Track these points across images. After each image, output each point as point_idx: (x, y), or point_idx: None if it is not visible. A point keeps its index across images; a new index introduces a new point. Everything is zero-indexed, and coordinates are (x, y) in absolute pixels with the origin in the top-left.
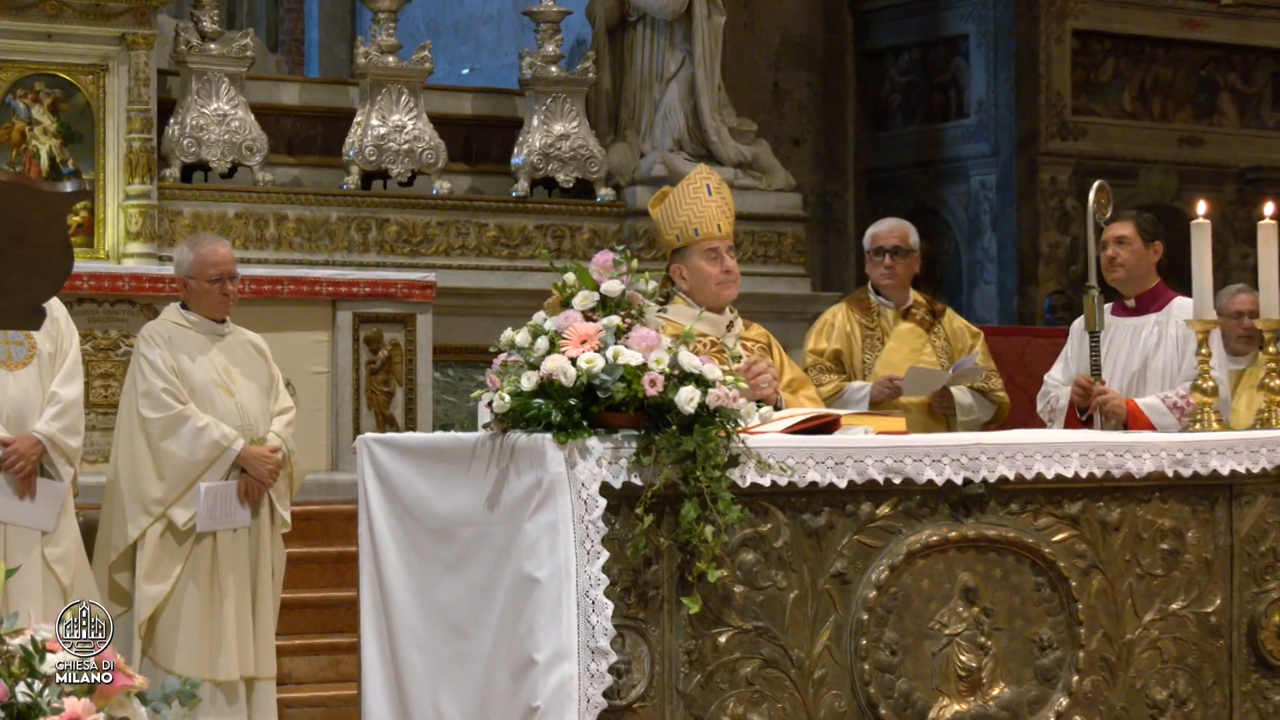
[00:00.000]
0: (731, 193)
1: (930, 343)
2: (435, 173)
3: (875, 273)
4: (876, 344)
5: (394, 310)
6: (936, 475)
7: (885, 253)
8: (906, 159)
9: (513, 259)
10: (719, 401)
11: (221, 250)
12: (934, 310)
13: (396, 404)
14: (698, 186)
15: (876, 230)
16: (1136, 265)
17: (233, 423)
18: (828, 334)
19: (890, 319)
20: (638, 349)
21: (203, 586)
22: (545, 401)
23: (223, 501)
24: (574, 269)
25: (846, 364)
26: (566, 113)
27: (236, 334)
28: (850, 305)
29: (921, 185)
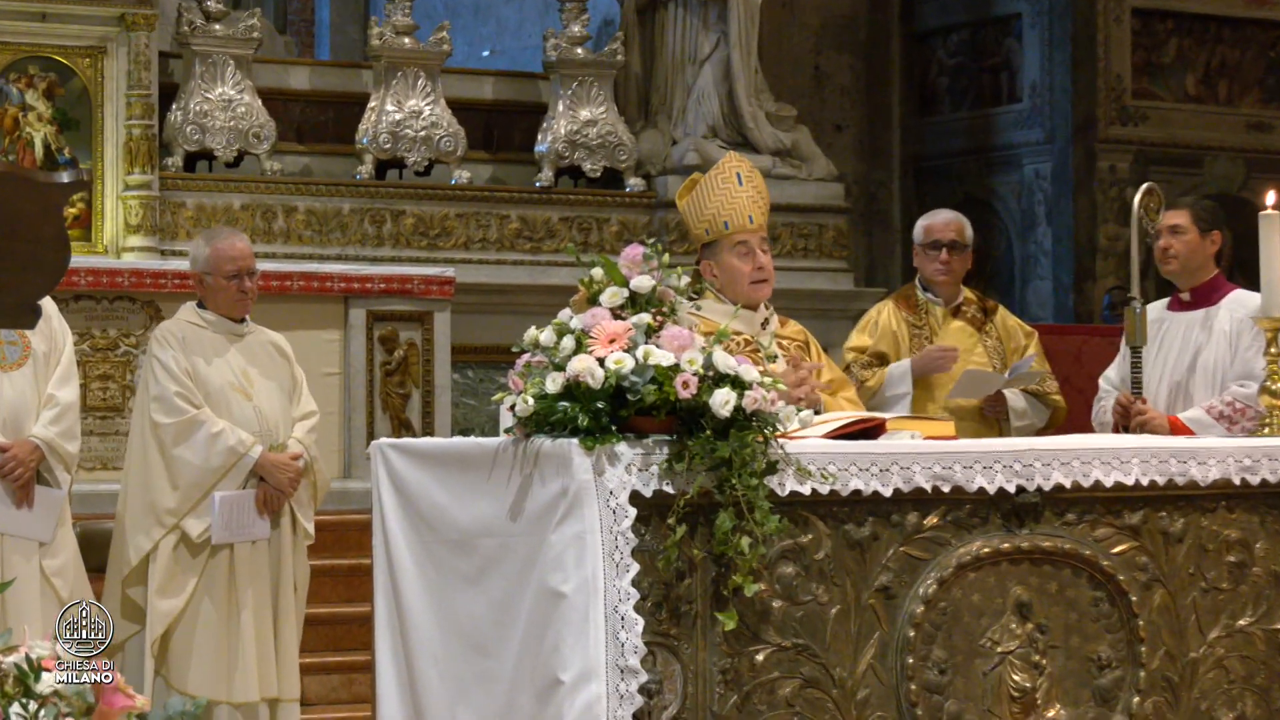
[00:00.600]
0: (768, 182)
1: (981, 342)
2: (454, 161)
3: (928, 268)
4: (925, 343)
5: (410, 308)
6: (988, 483)
7: (942, 247)
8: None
9: (536, 253)
10: (756, 404)
11: (240, 244)
12: (985, 308)
13: (413, 407)
14: (727, 175)
15: (931, 222)
16: (1191, 256)
17: (250, 428)
18: (871, 331)
19: (939, 317)
20: (669, 349)
21: (219, 602)
22: (571, 404)
23: (239, 512)
24: (601, 263)
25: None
26: (593, 97)
27: (256, 334)
28: (897, 302)
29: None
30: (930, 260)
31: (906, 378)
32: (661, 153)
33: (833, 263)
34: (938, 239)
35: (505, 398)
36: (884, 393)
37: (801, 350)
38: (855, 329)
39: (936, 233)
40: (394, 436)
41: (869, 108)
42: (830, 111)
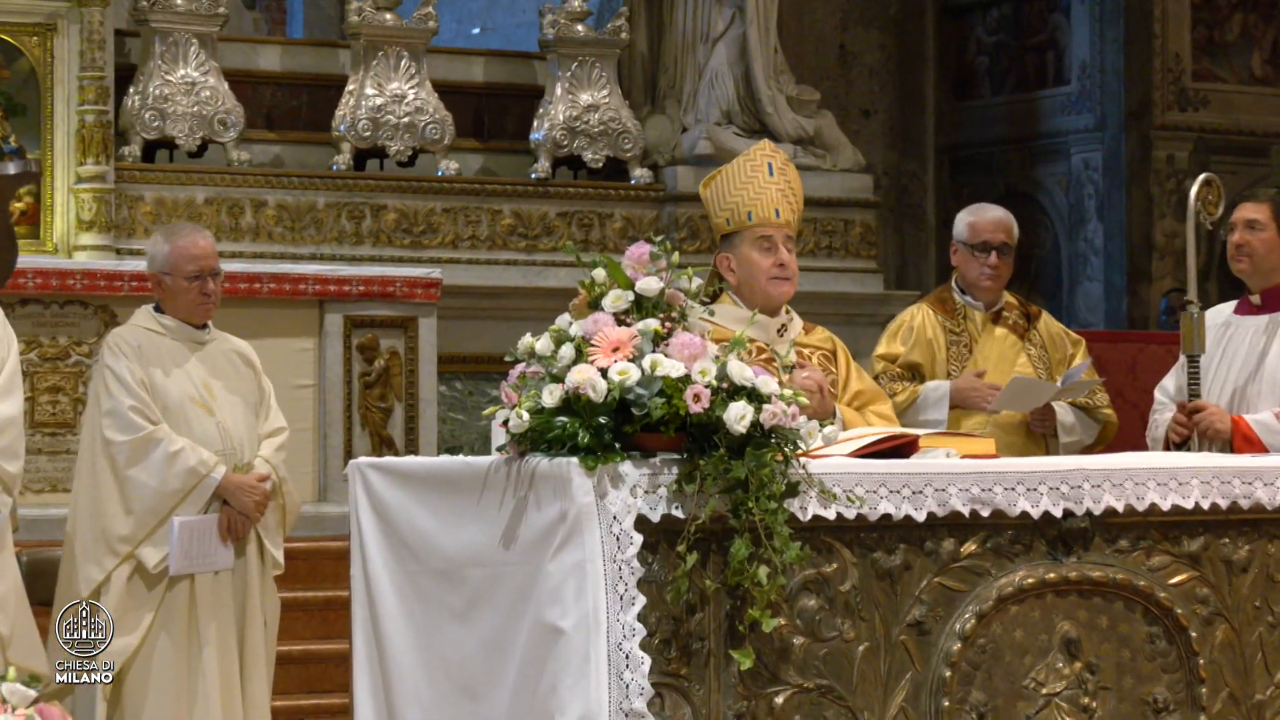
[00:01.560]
0: None
1: (1025, 351)
2: (441, 150)
3: (972, 271)
4: (963, 352)
5: (392, 312)
6: (1032, 507)
7: (991, 249)
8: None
9: (532, 252)
10: (775, 420)
11: (202, 242)
12: (1028, 313)
13: (395, 423)
14: (757, 164)
15: (979, 220)
16: (1268, 256)
17: (213, 446)
18: (904, 337)
19: (979, 323)
20: (679, 358)
21: (178, 639)
22: (570, 420)
23: (201, 539)
24: (604, 263)
25: (926, 377)
26: (595, 80)
27: (219, 341)
28: (932, 306)
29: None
30: (976, 263)
31: (943, 404)
32: (670, 141)
33: (860, 262)
34: (987, 240)
35: (497, 412)
36: (915, 414)
37: (828, 360)
38: (885, 335)
39: (985, 233)
40: (374, 455)
41: (900, 91)
42: (857, 95)
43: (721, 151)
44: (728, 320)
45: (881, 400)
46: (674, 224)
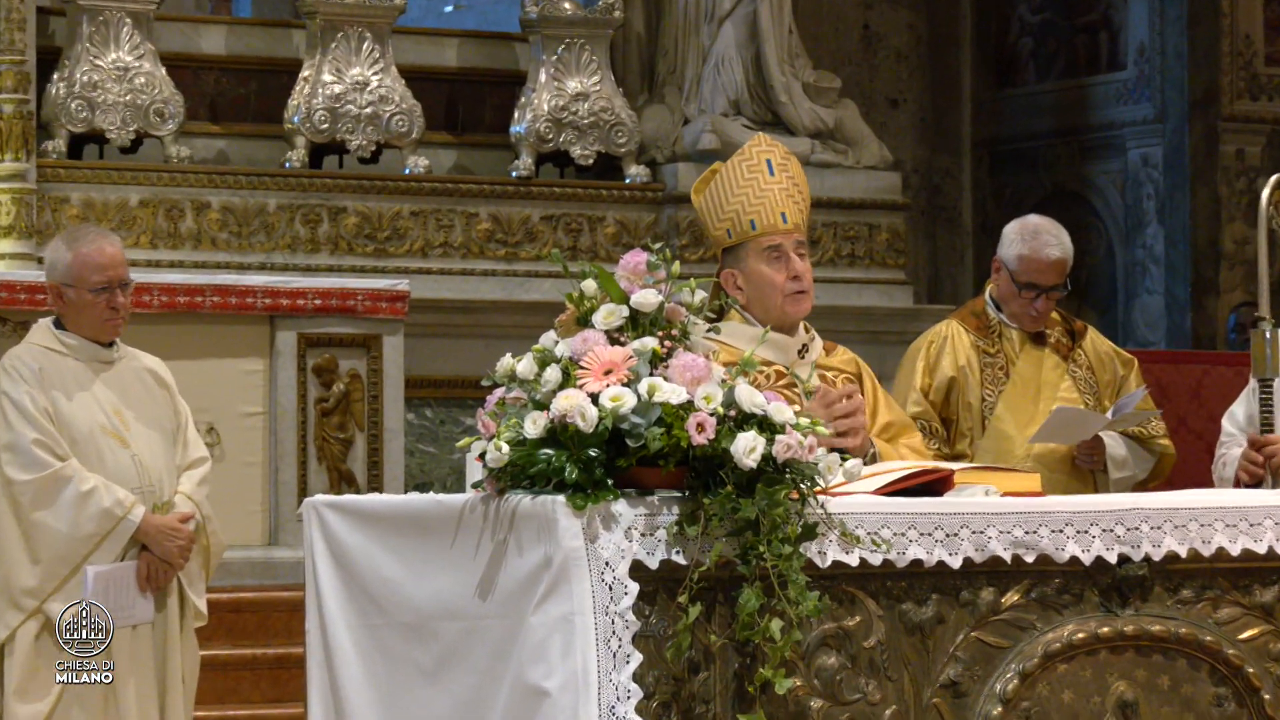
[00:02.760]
0: (806, 172)
1: (1069, 374)
2: (408, 145)
3: (1013, 304)
4: (999, 375)
5: (353, 330)
6: (1083, 551)
7: (1042, 293)
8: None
9: (512, 261)
10: (790, 452)
11: (109, 249)
12: (1072, 330)
13: (356, 456)
14: (755, 163)
15: (1035, 258)
16: None
17: (128, 483)
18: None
19: (1016, 342)
20: (680, 382)
21: (92, 706)
22: (556, 452)
23: (118, 590)
24: (595, 274)
25: (958, 401)
26: (585, 65)
27: (128, 360)
28: (963, 322)
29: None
30: (1020, 300)
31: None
32: (670, 135)
33: (886, 273)
34: (1037, 282)
35: (473, 444)
36: None
37: (852, 383)
38: (910, 359)
39: (1037, 274)
40: (332, 493)
41: (932, 77)
42: (884, 82)
43: (729, 146)
44: (737, 339)
45: (912, 431)
46: (674, 229)
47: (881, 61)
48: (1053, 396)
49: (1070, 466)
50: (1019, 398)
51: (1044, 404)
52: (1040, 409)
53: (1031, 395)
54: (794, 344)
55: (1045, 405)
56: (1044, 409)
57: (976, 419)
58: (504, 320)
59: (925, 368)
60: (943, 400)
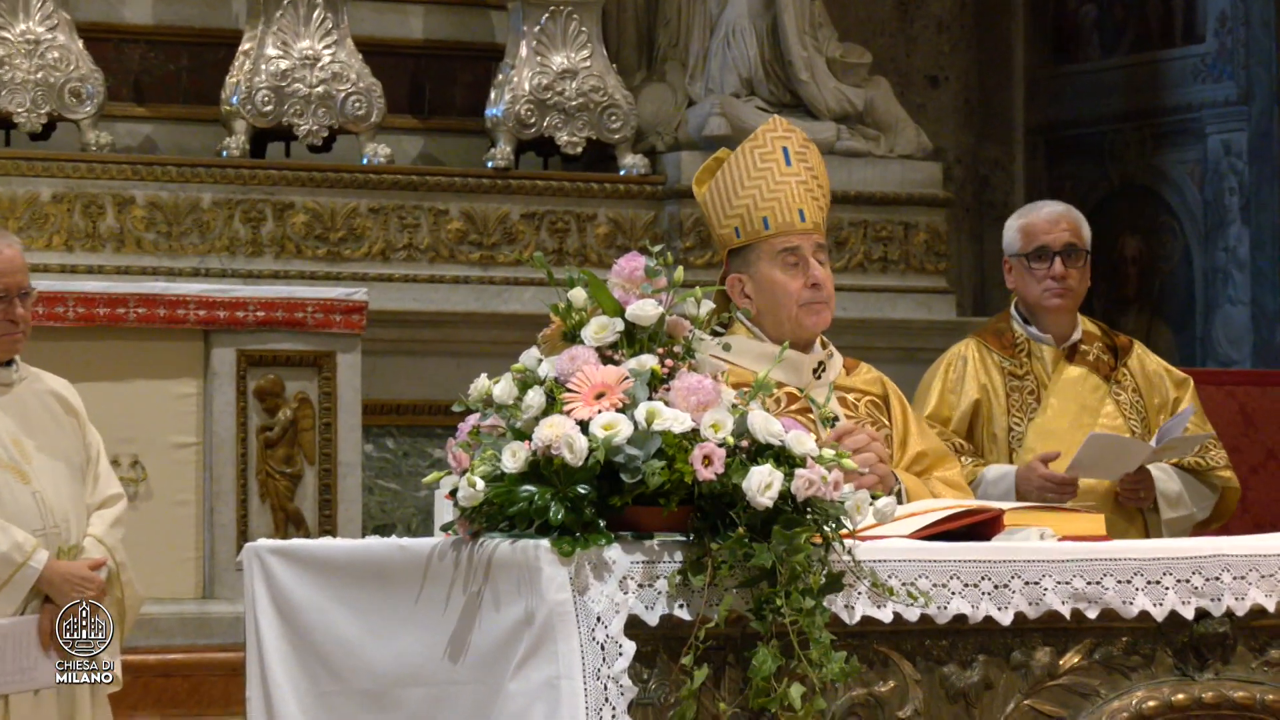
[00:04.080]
0: (830, 162)
1: (1112, 397)
2: (367, 131)
3: (1032, 290)
4: (1028, 401)
5: (302, 346)
6: (1154, 605)
7: (1052, 255)
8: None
9: (488, 266)
10: (812, 489)
11: (6, 252)
12: (1115, 345)
13: (306, 493)
14: (769, 151)
15: (1030, 220)
16: None
17: (29, 524)
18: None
19: (1048, 361)
20: (684, 407)
21: None
22: (540, 489)
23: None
24: (584, 281)
25: (982, 432)
26: (572, 36)
27: (30, 382)
28: (983, 342)
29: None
30: (1035, 277)
31: (1010, 494)
32: (672, 119)
33: (925, 279)
34: (1044, 244)
35: (442, 480)
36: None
37: (877, 409)
38: (930, 391)
39: (1041, 234)
40: (277, 537)
41: (979, 51)
42: (922, 57)
43: (740, 132)
44: (746, 357)
45: (949, 463)
46: (677, 228)
47: (920, 32)
48: (1092, 424)
49: (1114, 505)
50: (1052, 426)
51: (1081, 434)
52: (1077, 440)
53: (1067, 423)
54: (808, 362)
55: (1083, 436)
56: (1081, 440)
57: (1003, 452)
58: (478, 335)
59: (942, 392)
60: (965, 431)
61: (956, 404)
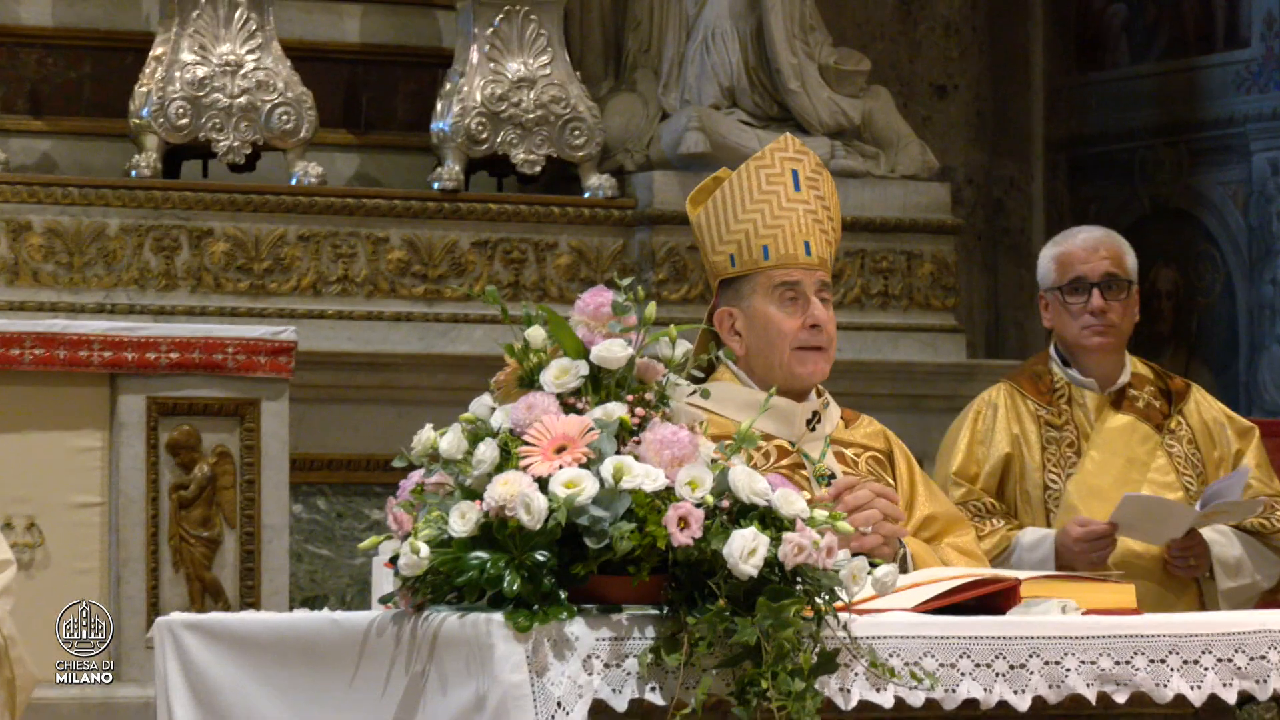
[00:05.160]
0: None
1: (1164, 449)
2: (296, 147)
3: (1070, 328)
4: (1067, 454)
5: (221, 393)
6: (1191, 688)
7: (1090, 287)
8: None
9: (434, 301)
10: (802, 556)
11: None
12: (1169, 390)
13: (225, 561)
14: (776, 171)
15: (1066, 249)
16: None
17: None
18: (985, 435)
19: (1091, 408)
20: (656, 462)
21: None
22: (493, 556)
23: None
24: (543, 319)
25: (1014, 489)
26: (531, 40)
27: None
28: (1017, 388)
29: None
30: (1072, 313)
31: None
32: (643, 134)
33: (931, 317)
34: (1080, 275)
35: (381, 545)
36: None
37: (880, 466)
38: (957, 444)
39: (1078, 264)
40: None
41: (992, 57)
42: (928, 65)
43: (721, 149)
44: (729, 405)
45: (961, 528)
46: (649, 258)
47: (925, 36)
48: (1140, 481)
49: (1163, 574)
50: (1095, 483)
51: (1129, 490)
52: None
53: (1112, 479)
54: (801, 412)
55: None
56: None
57: (1038, 511)
58: (423, 380)
59: (970, 444)
60: (996, 487)
61: (986, 458)
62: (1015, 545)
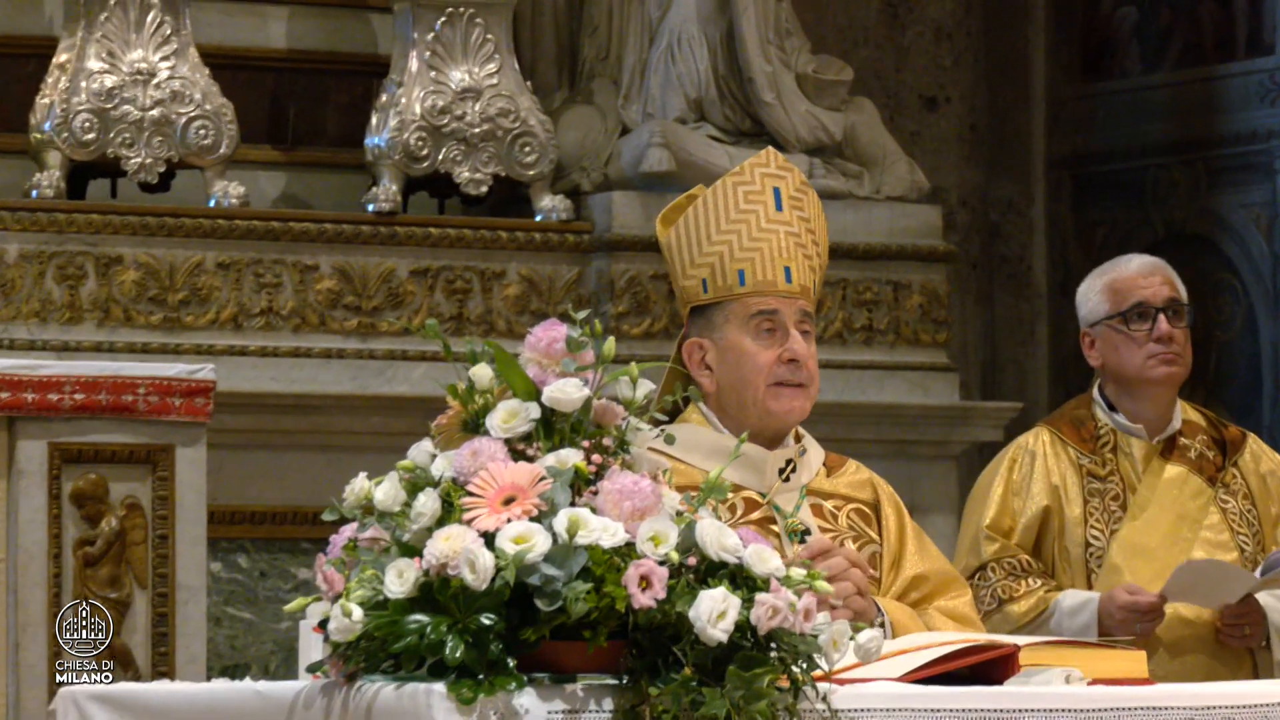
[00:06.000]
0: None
1: (1218, 504)
2: (214, 165)
3: (1133, 360)
4: (1111, 508)
5: (132, 439)
6: None
7: (1155, 313)
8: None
9: (368, 336)
10: (777, 619)
11: None
12: (1223, 439)
13: (135, 624)
14: (756, 189)
15: (1120, 275)
16: None
17: None
18: (1021, 486)
19: (1139, 458)
20: (617, 516)
21: None
22: (434, 619)
23: None
24: (490, 356)
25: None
26: (476, 47)
27: None
28: (1057, 434)
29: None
30: (1136, 342)
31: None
32: (601, 150)
33: (921, 353)
34: (1143, 300)
35: (310, 607)
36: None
37: (864, 520)
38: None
39: (1138, 289)
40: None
41: (988, 65)
42: (916, 73)
43: (687, 168)
44: (696, 452)
45: (955, 589)
46: (607, 289)
47: (914, 42)
48: (1191, 539)
49: (1215, 644)
50: (1142, 540)
51: (1178, 551)
52: (1174, 559)
53: (1160, 537)
54: (773, 460)
55: (1180, 553)
56: (1180, 556)
57: (1078, 571)
58: (356, 424)
59: (1005, 496)
60: (1033, 545)
61: (1022, 511)
62: (1055, 609)
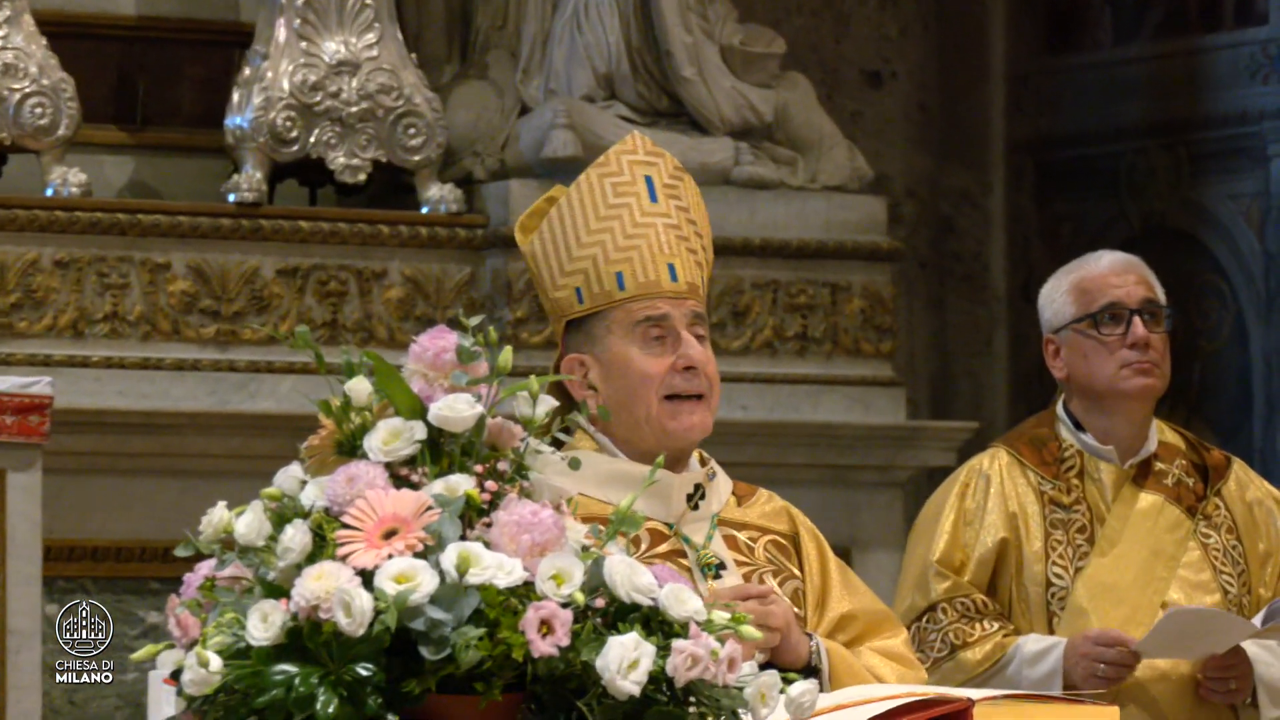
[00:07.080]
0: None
1: (1198, 539)
2: (52, 149)
3: (1104, 367)
4: (1076, 543)
5: None
6: None
7: (1130, 315)
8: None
9: (228, 345)
10: (697, 670)
11: None
12: (1204, 465)
13: None
14: (626, 180)
15: (1089, 273)
16: None
17: None
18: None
19: (1108, 484)
20: (513, 551)
21: None
22: (303, 669)
23: None
24: (368, 368)
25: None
26: (353, 15)
27: None
28: (1015, 456)
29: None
30: (1107, 350)
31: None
32: (498, 132)
33: (862, 365)
34: (1116, 300)
35: (160, 655)
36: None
37: (782, 554)
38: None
39: (1110, 288)
40: None
41: (941, 37)
42: (858, 45)
43: (596, 152)
44: (589, 480)
45: (889, 629)
46: (504, 291)
47: (855, 10)
48: (1167, 578)
49: (1194, 699)
50: (1111, 579)
51: (1151, 592)
52: (1145, 601)
53: (1132, 576)
54: (680, 485)
55: (1153, 594)
56: (1153, 599)
57: (1037, 614)
58: (213, 445)
59: (955, 525)
60: (987, 583)
61: (975, 543)
62: (1014, 655)
